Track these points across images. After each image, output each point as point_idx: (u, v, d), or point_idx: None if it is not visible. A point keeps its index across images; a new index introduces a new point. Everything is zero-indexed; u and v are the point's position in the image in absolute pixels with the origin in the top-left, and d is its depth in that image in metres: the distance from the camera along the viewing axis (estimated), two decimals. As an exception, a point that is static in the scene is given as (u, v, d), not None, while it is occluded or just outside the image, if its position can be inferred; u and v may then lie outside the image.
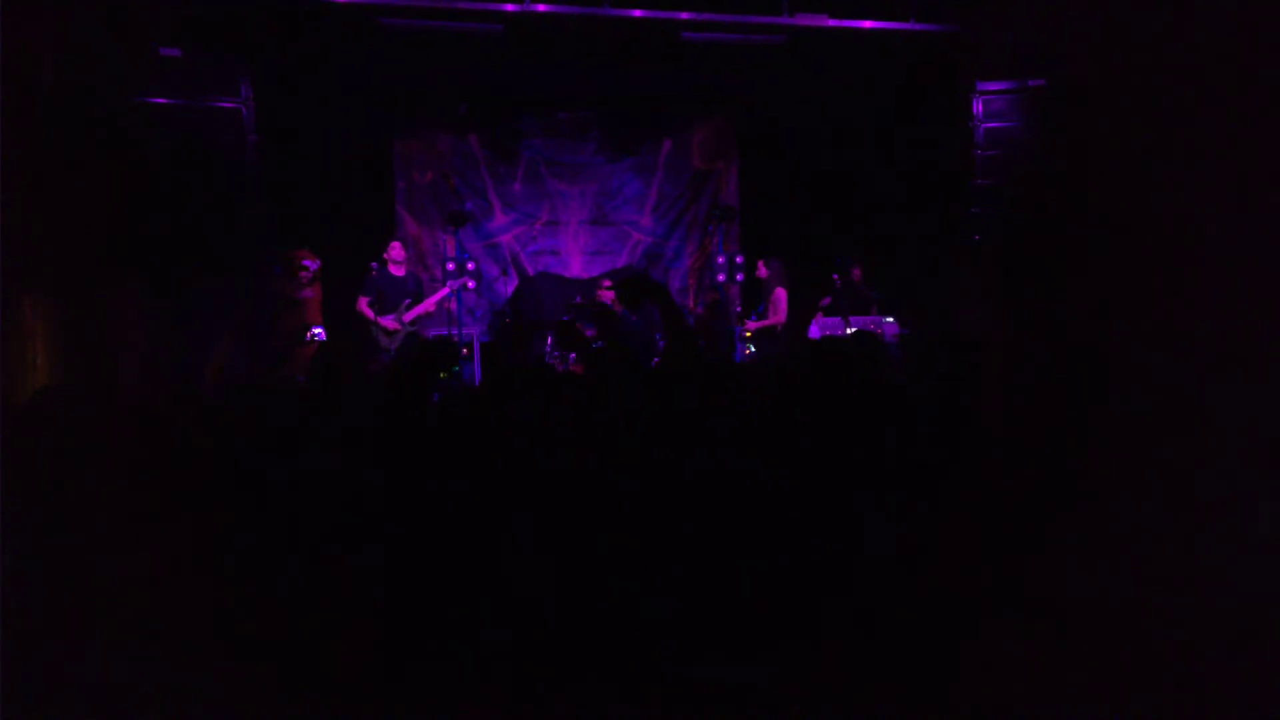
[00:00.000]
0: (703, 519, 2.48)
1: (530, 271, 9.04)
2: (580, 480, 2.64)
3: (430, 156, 8.80)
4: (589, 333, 7.78)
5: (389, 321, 7.07)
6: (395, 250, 7.37)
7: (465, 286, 8.16)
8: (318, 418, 3.28)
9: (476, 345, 7.86)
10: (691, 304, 9.04)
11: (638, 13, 6.80)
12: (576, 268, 9.13)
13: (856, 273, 8.09)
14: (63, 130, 5.26)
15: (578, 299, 8.37)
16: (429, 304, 7.34)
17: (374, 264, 7.81)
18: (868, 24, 7.09)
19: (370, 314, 7.14)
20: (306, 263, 6.89)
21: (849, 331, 7.34)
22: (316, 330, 6.80)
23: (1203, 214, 5.50)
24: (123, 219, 5.78)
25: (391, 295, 7.18)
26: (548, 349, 7.84)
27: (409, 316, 7.14)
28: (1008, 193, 7.08)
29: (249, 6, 6.27)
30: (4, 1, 4.61)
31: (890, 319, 7.61)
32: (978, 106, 7.21)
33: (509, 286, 8.88)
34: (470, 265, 8.42)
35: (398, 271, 7.30)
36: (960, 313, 7.95)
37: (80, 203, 5.41)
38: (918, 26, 7.12)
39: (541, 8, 6.61)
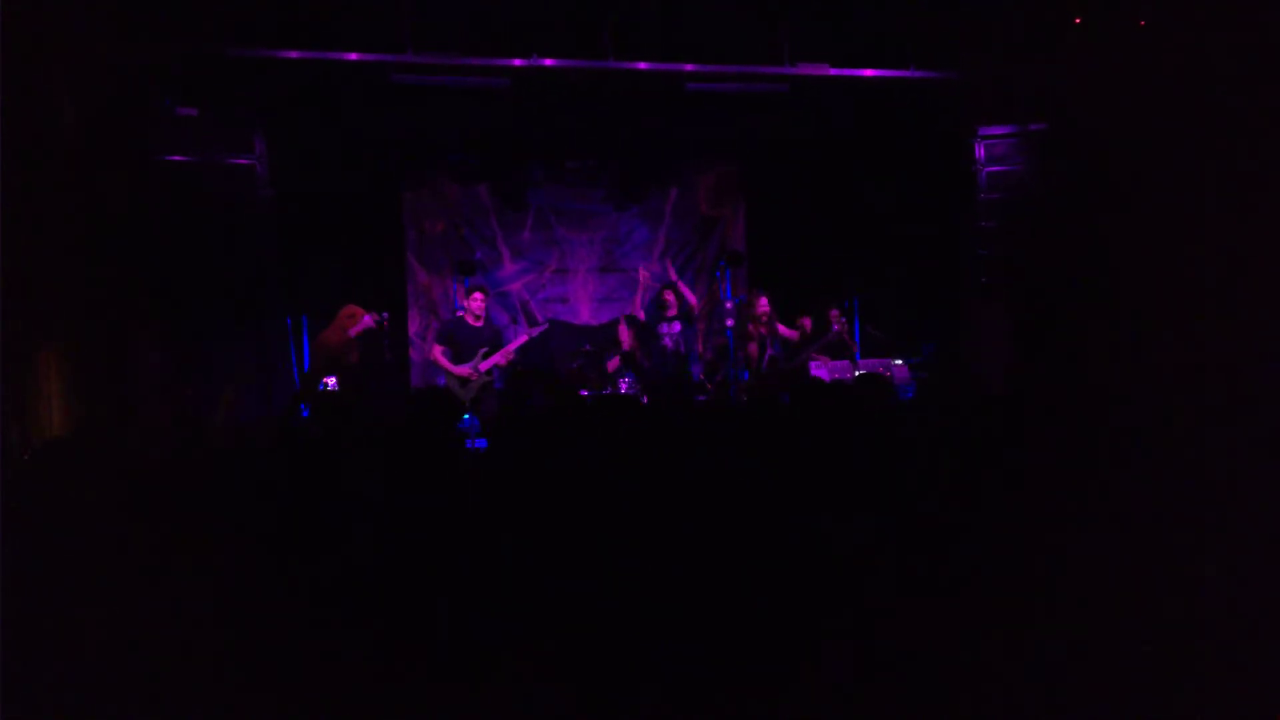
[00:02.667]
0: (703, 521, 2.50)
1: (540, 319, 9.10)
2: (582, 485, 2.67)
3: (440, 206, 8.92)
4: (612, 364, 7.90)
5: (465, 370, 7.07)
6: (476, 302, 7.32)
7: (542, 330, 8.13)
8: (323, 460, 3.32)
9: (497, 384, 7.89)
10: (700, 349, 9.06)
11: (643, 65, 6.94)
12: (585, 315, 9.19)
13: (834, 314, 8.08)
14: (80, 187, 5.38)
15: (587, 346, 8.41)
16: (508, 350, 7.35)
17: (385, 313, 7.87)
18: (869, 72, 7.20)
19: (445, 362, 7.14)
20: (367, 319, 6.98)
21: (858, 374, 7.35)
22: (329, 380, 6.84)
23: (1205, 251, 5.53)
24: (139, 273, 5.88)
25: (468, 345, 7.19)
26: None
27: (485, 365, 7.15)
28: (1012, 235, 7.13)
29: (263, 65, 6.43)
30: (23, 60, 4.75)
31: (899, 361, 7.61)
32: (980, 151, 7.30)
33: (534, 328, 8.93)
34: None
35: (475, 322, 7.30)
36: (967, 353, 7.96)
37: (97, 257, 5.51)
38: (918, 74, 7.23)
39: (548, 62, 6.75)
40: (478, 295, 7.38)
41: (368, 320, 6.96)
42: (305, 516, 2.83)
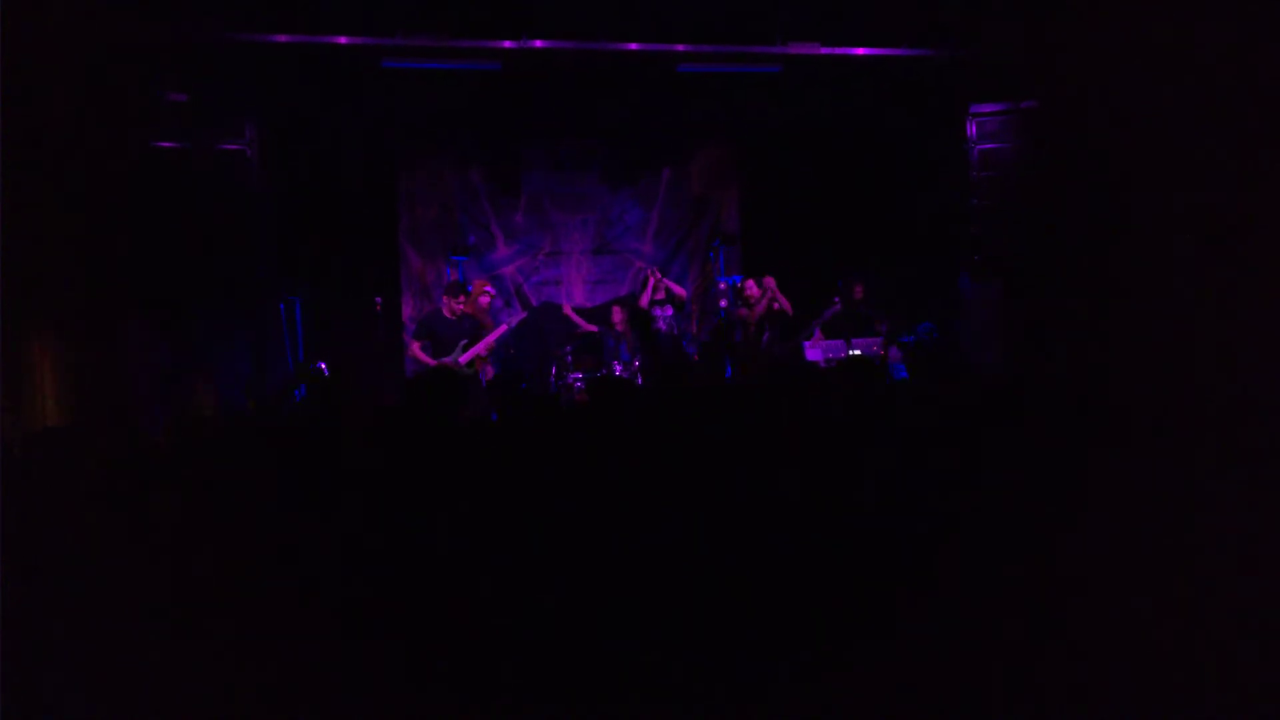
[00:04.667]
0: (712, 531, 2.51)
1: (534, 302, 9.10)
2: (588, 493, 2.68)
3: (433, 191, 8.89)
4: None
5: (445, 363, 7.04)
6: (459, 303, 7.21)
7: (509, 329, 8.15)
8: (313, 445, 3.33)
9: (483, 377, 7.90)
10: (694, 330, 9.07)
11: (633, 45, 6.92)
12: (579, 297, 9.19)
13: (859, 291, 8.10)
14: (71, 174, 5.35)
15: (579, 328, 8.43)
16: (488, 341, 7.31)
17: (378, 298, 7.87)
18: (861, 51, 7.18)
19: (424, 357, 7.10)
20: (489, 288, 7.19)
21: (853, 353, 7.38)
22: (320, 364, 6.84)
23: (1196, 229, 5.53)
24: (131, 260, 5.86)
25: (447, 338, 7.15)
26: (552, 378, 7.89)
27: (465, 358, 7.12)
28: (1004, 212, 7.14)
29: (253, 49, 6.39)
30: (14, 49, 4.71)
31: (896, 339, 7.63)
32: (972, 129, 7.29)
33: (513, 318, 8.94)
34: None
35: (452, 316, 7.20)
36: (961, 333, 7.98)
37: (89, 245, 5.49)
38: (910, 52, 7.21)
39: (538, 43, 6.72)
40: (462, 298, 7.27)
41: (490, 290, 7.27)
42: (301, 502, 2.84)
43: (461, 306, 7.24)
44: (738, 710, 2.07)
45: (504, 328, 7.71)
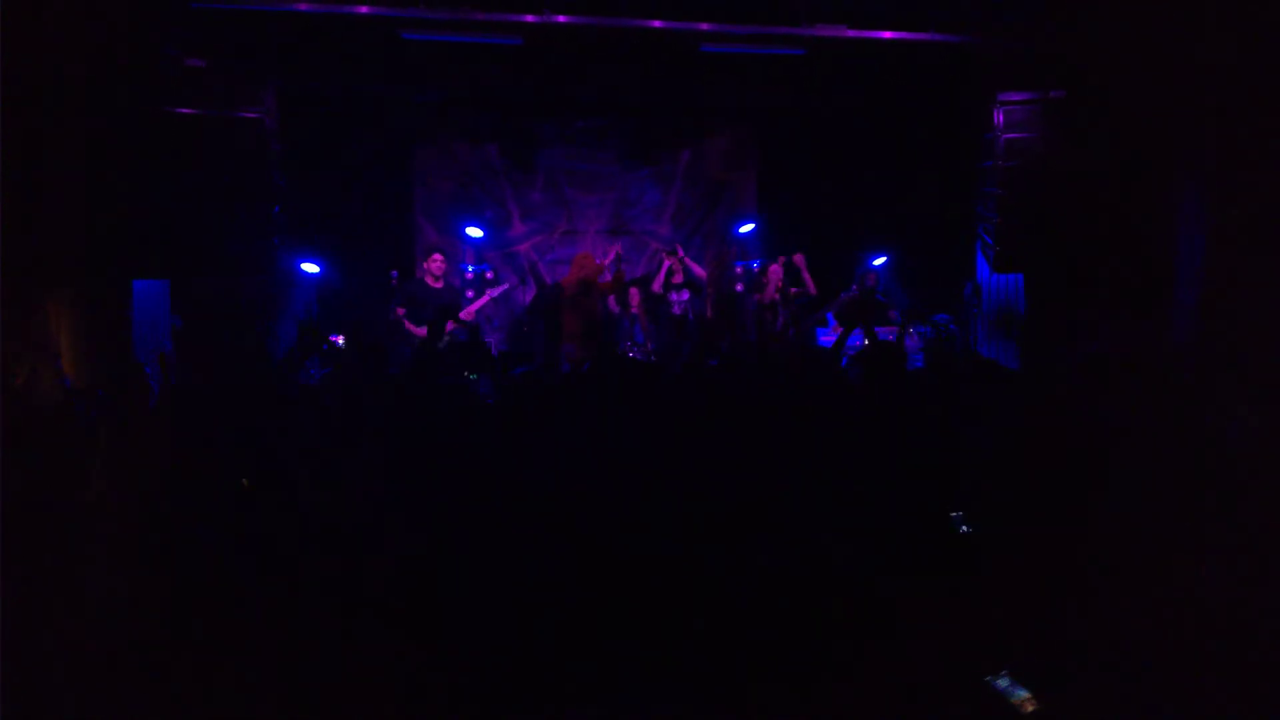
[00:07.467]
0: (717, 529, 2.48)
1: (548, 280, 9.05)
2: (588, 492, 2.65)
3: (450, 165, 8.84)
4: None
5: (425, 331, 7.05)
6: (435, 263, 7.35)
7: (513, 286, 8.20)
8: (328, 421, 3.32)
9: (495, 353, 7.88)
10: (709, 313, 9.01)
11: (657, 23, 6.81)
12: (594, 277, 9.13)
13: (873, 278, 8.04)
14: (88, 138, 5.33)
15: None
16: (469, 311, 7.31)
17: (394, 271, 7.85)
18: (887, 34, 7.04)
19: (407, 324, 7.13)
20: (601, 263, 7.68)
21: (866, 343, 7.30)
22: (334, 337, 6.83)
23: (1222, 223, 5.45)
24: (145, 224, 5.86)
25: (428, 306, 7.16)
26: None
27: (449, 327, 7.14)
28: (1028, 204, 7.02)
29: (272, 18, 6.33)
30: (32, 12, 4.69)
31: (910, 329, 7.56)
32: (999, 117, 7.16)
33: (527, 295, 8.91)
34: (489, 274, 8.47)
35: (434, 283, 7.25)
36: (977, 324, 7.89)
37: (104, 209, 5.48)
38: (938, 37, 7.07)
39: (561, 19, 6.63)
40: (437, 257, 7.37)
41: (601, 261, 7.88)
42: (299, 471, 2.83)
43: (442, 271, 7.33)
44: (738, 710, 2.05)
45: (486, 297, 7.68)
